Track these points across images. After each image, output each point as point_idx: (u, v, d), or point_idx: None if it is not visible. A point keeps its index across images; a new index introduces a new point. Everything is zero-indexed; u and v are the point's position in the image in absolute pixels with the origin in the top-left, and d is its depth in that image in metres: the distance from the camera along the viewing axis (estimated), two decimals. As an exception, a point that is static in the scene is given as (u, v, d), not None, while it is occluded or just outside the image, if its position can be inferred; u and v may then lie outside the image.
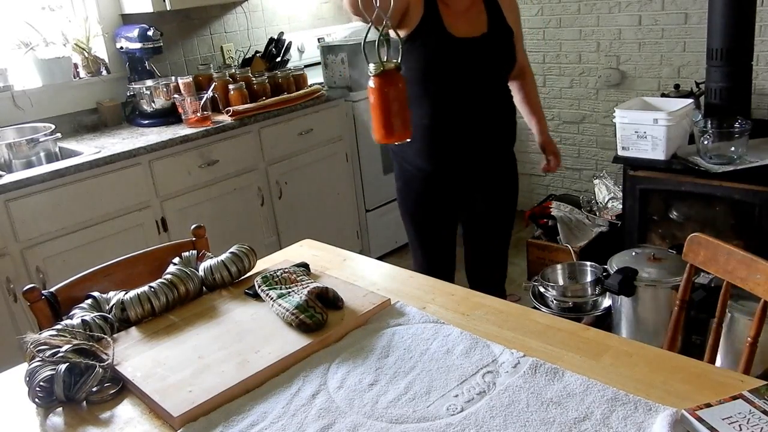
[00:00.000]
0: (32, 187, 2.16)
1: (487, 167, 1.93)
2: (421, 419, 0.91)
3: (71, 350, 1.06)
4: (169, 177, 2.52)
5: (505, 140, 1.95)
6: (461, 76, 1.79)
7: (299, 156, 2.97)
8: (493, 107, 1.86)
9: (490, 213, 2.01)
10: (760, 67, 2.78)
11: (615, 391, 0.92)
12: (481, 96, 1.83)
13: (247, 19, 3.38)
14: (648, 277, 2.16)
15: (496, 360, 1.03)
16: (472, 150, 1.87)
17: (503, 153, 1.97)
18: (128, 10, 2.89)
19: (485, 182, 1.96)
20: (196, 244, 1.51)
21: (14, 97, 2.64)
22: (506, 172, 2.01)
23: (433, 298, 1.26)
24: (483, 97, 1.83)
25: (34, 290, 1.26)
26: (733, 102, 2.45)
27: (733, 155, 2.36)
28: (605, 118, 3.33)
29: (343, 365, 1.06)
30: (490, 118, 1.85)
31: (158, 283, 1.27)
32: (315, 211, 3.09)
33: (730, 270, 1.33)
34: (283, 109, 2.84)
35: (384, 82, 1.22)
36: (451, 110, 1.82)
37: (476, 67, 1.79)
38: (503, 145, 1.95)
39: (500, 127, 1.90)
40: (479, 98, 1.82)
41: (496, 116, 1.87)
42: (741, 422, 0.81)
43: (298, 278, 1.29)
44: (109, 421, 1.00)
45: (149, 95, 2.74)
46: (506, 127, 1.93)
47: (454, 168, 1.89)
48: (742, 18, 2.36)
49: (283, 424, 0.93)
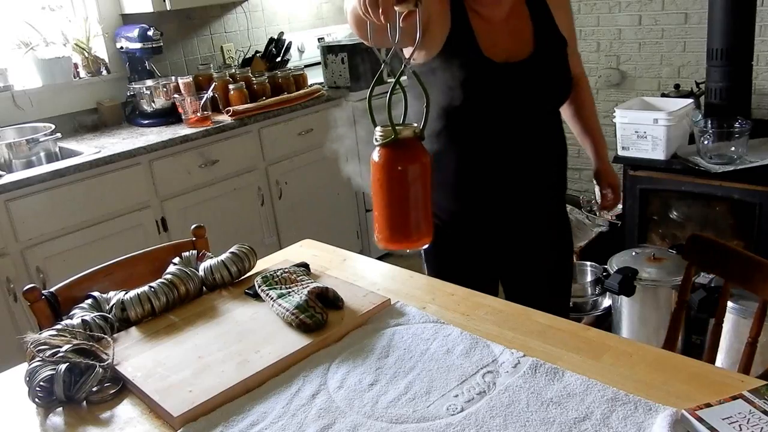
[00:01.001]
0: (32, 187, 2.16)
1: (530, 222, 1.50)
2: (421, 419, 0.91)
3: (71, 350, 1.06)
4: (169, 177, 2.52)
5: (553, 187, 1.52)
6: (500, 112, 1.35)
7: (299, 156, 2.97)
8: (539, 148, 1.43)
9: (538, 275, 1.56)
10: (760, 67, 2.78)
11: (615, 391, 0.92)
12: (525, 135, 1.39)
13: (247, 19, 3.38)
14: (648, 277, 2.17)
15: (496, 360, 1.03)
16: (509, 204, 1.45)
17: (551, 202, 1.54)
18: (128, 10, 2.89)
19: (528, 240, 1.52)
20: (196, 244, 1.51)
21: (14, 97, 2.64)
22: (555, 225, 1.57)
23: (433, 298, 1.26)
24: (527, 137, 1.39)
25: (34, 290, 1.26)
26: (733, 102, 2.45)
27: (733, 155, 2.36)
28: (605, 118, 3.33)
29: (343, 365, 1.06)
30: (535, 162, 1.43)
31: (158, 283, 1.27)
32: (315, 211, 3.09)
33: (730, 270, 1.33)
34: (283, 109, 2.84)
35: (396, 159, 0.83)
36: (485, 154, 1.39)
37: (521, 99, 1.35)
38: (551, 193, 1.52)
39: (548, 172, 1.47)
40: (522, 139, 1.39)
41: (543, 159, 1.44)
42: (741, 422, 0.81)
43: (298, 278, 1.29)
44: (109, 421, 1.00)
45: (149, 95, 2.74)
46: (556, 171, 1.50)
47: (487, 223, 1.47)
48: (742, 18, 2.36)
49: (283, 424, 0.93)
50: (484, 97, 1.33)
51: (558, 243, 1.58)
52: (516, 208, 1.46)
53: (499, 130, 1.36)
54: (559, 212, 1.58)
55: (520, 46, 1.34)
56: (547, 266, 1.57)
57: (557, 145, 1.48)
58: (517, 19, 1.35)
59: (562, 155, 1.51)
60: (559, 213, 1.58)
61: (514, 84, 1.33)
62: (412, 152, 0.85)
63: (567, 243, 1.62)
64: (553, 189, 1.52)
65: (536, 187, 1.45)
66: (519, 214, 1.47)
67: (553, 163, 1.48)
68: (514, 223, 1.48)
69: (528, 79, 1.34)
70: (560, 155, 1.50)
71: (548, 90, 1.39)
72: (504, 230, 1.49)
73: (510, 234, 1.50)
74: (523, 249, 1.53)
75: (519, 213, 1.47)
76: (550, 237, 1.55)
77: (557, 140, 1.47)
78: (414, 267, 1.39)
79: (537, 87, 1.36)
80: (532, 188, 1.45)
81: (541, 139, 1.42)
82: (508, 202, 1.44)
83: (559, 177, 1.52)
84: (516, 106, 1.35)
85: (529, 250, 1.53)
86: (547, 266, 1.57)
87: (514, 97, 1.34)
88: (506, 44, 1.33)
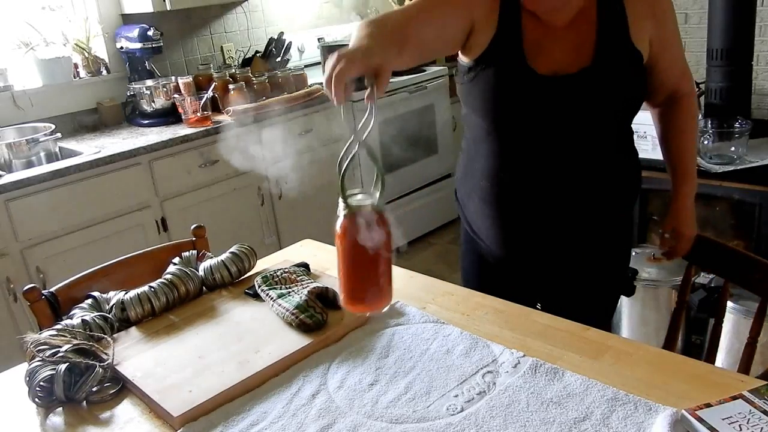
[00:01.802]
0: (32, 187, 2.16)
1: (580, 261, 1.34)
2: (421, 419, 0.91)
3: (71, 350, 1.06)
4: (169, 177, 2.52)
5: (612, 224, 1.34)
6: (543, 131, 1.21)
7: (299, 156, 2.97)
8: (594, 179, 1.26)
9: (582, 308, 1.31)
10: (760, 67, 2.78)
11: (615, 391, 0.92)
12: (576, 156, 1.23)
13: (247, 19, 3.38)
14: (648, 277, 2.17)
15: (496, 360, 1.03)
16: (559, 245, 1.31)
17: (609, 240, 1.36)
18: (128, 10, 2.89)
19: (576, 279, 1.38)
20: (196, 244, 1.51)
21: (14, 97, 2.64)
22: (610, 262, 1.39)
23: (433, 298, 1.26)
24: (578, 158, 1.23)
25: (34, 290, 1.26)
26: (733, 102, 2.45)
27: (733, 155, 2.36)
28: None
29: (343, 365, 1.06)
30: (588, 195, 1.26)
31: (158, 283, 1.27)
32: (315, 211, 3.09)
33: (730, 270, 1.33)
34: (283, 109, 2.84)
35: (350, 230, 0.88)
36: (530, 185, 1.25)
37: (570, 117, 1.20)
38: (609, 230, 1.34)
39: (604, 206, 1.30)
40: (571, 159, 1.23)
41: (598, 192, 1.27)
42: (741, 422, 0.81)
43: (298, 278, 1.29)
44: (109, 421, 1.00)
45: (149, 95, 2.74)
46: (616, 206, 1.32)
47: (527, 250, 1.34)
48: (742, 18, 2.36)
49: (283, 424, 0.93)
50: (522, 110, 1.20)
51: (608, 279, 1.42)
52: (566, 248, 1.32)
53: (543, 155, 1.22)
54: (618, 248, 1.40)
55: (576, 57, 1.18)
56: (593, 302, 1.41)
57: (621, 176, 1.30)
58: (581, 28, 1.19)
59: (628, 189, 1.32)
60: (617, 249, 1.40)
61: (556, 100, 1.18)
62: (368, 224, 0.88)
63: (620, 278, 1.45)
64: (612, 226, 1.33)
65: (589, 224, 1.29)
66: (569, 254, 1.33)
67: (612, 197, 1.29)
68: (563, 263, 1.34)
69: (573, 96, 1.18)
70: (624, 189, 1.31)
71: (599, 110, 1.21)
72: (551, 269, 1.36)
73: (557, 273, 1.36)
74: (569, 289, 1.37)
75: (569, 253, 1.32)
76: (602, 275, 1.39)
77: (620, 170, 1.29)
78: (414, 267, 1.39)
79: (584, 105, 1.19)
80: (584, 227, 1.29)
81: (596, 167, 1.25)
82: (557, 243, 1.30)
83: (620, 211, 1.34)
84: (561, 126, 1.20)
85: (576, 288, 1.38)
86: (593, 302, 1.41)
87: (558, 115, 1.19)
88: (560, 54, 1.18)
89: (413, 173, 3.49)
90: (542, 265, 1.35)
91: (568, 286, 1.38)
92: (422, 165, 3.53)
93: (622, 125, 1.29)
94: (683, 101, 1.33)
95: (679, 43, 1.29)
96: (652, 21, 1.21)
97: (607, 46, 1.18)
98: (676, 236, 1.37)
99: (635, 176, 1.35)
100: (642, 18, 1.20)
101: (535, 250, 1.33)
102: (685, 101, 1.33)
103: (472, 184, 1.36)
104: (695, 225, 1.38)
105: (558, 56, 1.19)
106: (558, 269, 1.36)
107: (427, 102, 3.43)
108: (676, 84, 1.32)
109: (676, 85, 1.32)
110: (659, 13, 1.22)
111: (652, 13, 1.21)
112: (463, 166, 1.40)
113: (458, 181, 1.44)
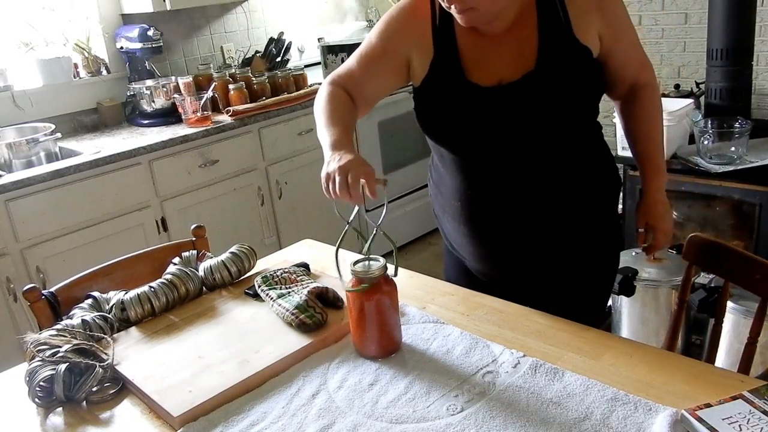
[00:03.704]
0: (32, 187, 2.16)
1: (563, 258, 1.29)
2: (421, 419, 0.91)
3: (71, 350, 1.07)
4: (169, 177, 2.52)
5: (589, 218, 1.28)
6: (500, 140, 1.19)
7: (299, 156, 2.97)
8: (563, 174, 1.22)
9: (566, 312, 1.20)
10: (760, 67, 2.78)
11: (615, 391, 0.92)
12: (540, 162, 1.20)
13: (247, 19, 3.38)
14: (648, 277, 2.16)
15: (496, 360, 1.03)
16: (529, 242, 1.27)
17: (588, 245, 1.30)
18: (128, 10, 2.89)
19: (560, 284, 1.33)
20: (196, 244, 1.51)
21: (14, 97, 2.64)
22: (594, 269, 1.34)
23: (433, 298, 1.26)
24: (543, 164, 1.21)
25: (34, 290, 1.26)
26: (733, 102, 2.45)
27: (733, 155, 2.36)
28: (605, 118, 3.32)
29: (343, 365, 1.06)
30: (559, 191, 1.23)
31: (158, 283, 1.27)
32: (315, 211, 3.09)
33: (730, 270, 1.33)
34: (283, 109, 2.84)
35: (358, 295, 1.03)
36: (492, 189, 1.24)
37: (522, 124, 1.17)
38: (585, 225, 1.28)
39: (578, 213, 1.26)
40: (536, 166, 1.21)
41: (569, 187, 1.23)
42: (741, 422, 0.81)
43: (298, 278, 1.29)
44: (109, 421, 1.00)
45: (149, 95, 2.74)
46: (592, 210, 1.28)
47: (508, 264, 1.31)
48: (742, 18, 2.36)
49: (283, 424, 0.93)
50: (474, 128, 1.19)
51: (596, 280, 1.36)
52: (547, 256, 1.28)
53: (505, 167, 1.20)
54: (603, 246, 1.34)
55: (520, 63, 1.16)
56: (583, 306, 1.34)
57: (592, 175, 1.26)
58: (522, 33, 1.17)
59: (603, 187, 1.29)
60: (602, 247, 1.34)
61: (503, 109, 1.16)
62: (372, 290, 1.02)
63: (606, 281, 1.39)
64: (593, 226, 1.29)
65: (567, 229, 1.25)
66: (551, 261, 1.29)
67: (586, 197, 1.26)
68: (546, 272, 1.30)
69: (520, 103, 1.16)
70: (598, 187, 1.28)
71: (550, 112, 1.17)
72: (536, 280, 1.32)
73: (542, 282, 1.32)
74: (557, 294, 1.30)
75: (551, 261, 1.28)
76: (589, 277, 1.34)
77: (590, 169, 1.26)
78: (414, 267, 1.39)
79: (533, 110, 1.16)
80: (562, 232, 1.25)
81: (563, 170, 1.22)
82: (537, 253, 1.27)
83: (599, 210, 1.29)
84: (516, 134, 1.17)
85: (564, 293, 1.31)
86: (583, 306, 1.34)
87: (509, 124, 1.17)
88: (502, 63, 1.17)
89: (413, 173, 3.49)
90: (526, 276, 1.32)
91: (555, 293, 1.31)
92: (422, 165, 3.53)
93: (582, 123, 1.25)
94: (644, 92, 1.30)
95: (632, 34, 1.25)
96: (597, 13, 1.17)
97: (549, 47, 1.16)
98: (652, 231, 1.35)
99: (608, 173, 1.31)
100: (585, 12, 1.16)
101: (517, 263, 1.30)
102: (647, 92, 1.30)
103: (443, 203, 1.36)
104: (670, 218, 1.36)
105: (500, 65, 1.18)
106: (542, 278, 1.32)
107: (427, 102, 3.43)
108: (635, 76, 1.29)
109: (635, 77, 1.29)
110: (608, 6, 1.18)
111: (597, 6, 1.17)
112: (434, 185, 1.39)
113: (432, 198, 1.43)
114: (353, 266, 1.03)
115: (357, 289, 1.02)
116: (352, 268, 1.03)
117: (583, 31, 1.16)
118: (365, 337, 1.06)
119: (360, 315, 1.04)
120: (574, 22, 1.16)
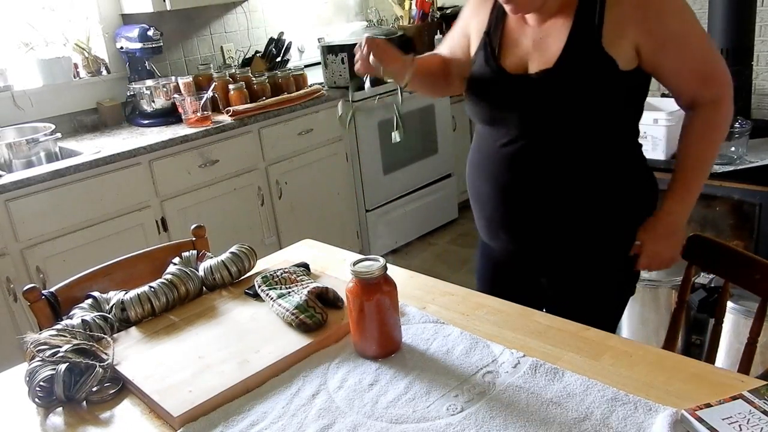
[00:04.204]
0: (32, 187, 2.16)
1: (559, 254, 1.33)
2: (421, 419, 0.91)
3: (71, 350, 1.06)
4: (169, 177, 2.52)
5: (583, 223, 1.28)
6: (520, 126, 1.24)
7: (299, 156, 2.97)
8: (578, 177, 1.24)
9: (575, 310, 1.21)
10: (760, 67, 2.78)
11: (615, 391, 0.92)
12: (554, 159, 1.23)
13: (247, 19, 3.38)
14: (648, 277, 2.16)
15: (496, 360, 1.03)
16: (522, 228, 1.32)
17: (585, 235, 1.30)
18: (128, 10, 2.89)
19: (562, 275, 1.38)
20: (196, 244, 1.51)
21: (14, 97, 2.64)
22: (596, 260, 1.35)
23: (433, 298, 1.26)
24: (557, 161, 1.23)
25: (34, 290, 1.26)
26: (734, 102, 2.45)
27: (733, 155, 2.36)
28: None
29: (343, 365, 1.06)
30: (555, 189, 1.25)
31: (158, 283, 1.27)
32: (315, 211, 3.09)
33: (730, 270, 1.33)
34: (283, 109, 2.84)
35: (359, 294, 1.03)
36: (510, 183, 1.29)
37: (536, 117, 1.22)
38: (579, 229, 1.29)
39: (572, 202, 1.27)
40: (550, 161, 1.24)
41: (566, 188, 1.25)
42: (741, 422, 0.81)
43: (298, 278, 1.29)
44: (109, 421, 1.00)
45: (149, 95, 2.74)
46: (585, 204, 1.27)
47: (505, 243, 1.36)
48: (742, 18, 2.36)
49: (283, 424, 0.93)
50: (490, 107, 1.27)
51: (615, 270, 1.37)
52: (565, 246, 1.31)
53: (524, 153, 1.24)
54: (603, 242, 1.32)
55: (544, 58, 1.20)
56: (603, 295, 1.38)
57: (613, 182, 1.26)
58: (555, 29, 1.20)
59: (625, 195, 1.28)
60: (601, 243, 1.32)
61: (519, 98, 1.22)
62: (374, 287, 1.03)
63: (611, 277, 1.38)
64: (583, 223, 1.28)
65: (560, 215, 1.27)
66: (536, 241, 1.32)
67: (583, 192, 1.25)
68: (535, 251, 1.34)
69: (533, 96, 1.20)
70: (619, 195, 1.27)
71: (562, 111, 1.19)
72: (547, 267, 1.37)
73: (554, 271, 1.36)
74: (566, 290, 1.36)
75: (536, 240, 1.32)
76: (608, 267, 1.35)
77: (611, 176, 1.25)
78: (414, 267, 1.39)
79: (544, 106, 1.20)
80: (574, 227, 1.27)
81: (578, 172, 1.23)
82: (557, 240, 1.30)
83: (621, 221, 1.29)
84: (534, 125, 1.22)
85: (574, 293, 1.35)
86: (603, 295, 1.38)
87: (525, 115, 1.22)
88: (528, 54, 1.22)
89: (413, 173, 3.49)
90: (548, 256, 1.35)
91: (574, 285, 1.36)
92: (422, 165, 3.53)
93: (603, 132, 1.23)
94: (702, 110, 1.23)
95: (690, 47, 1.17)
96: (636, 26, 1.14)
97: (573, 49, 1.17)
98: (646, 255, 1.31)
99: (636, 183, 1.30)
100: (622, 24, 1.15)
101: (542, 240, 1.32)
102: (704, 111, 1.23)
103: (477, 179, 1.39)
104: (667, 245, 1.30)
105: (526, 56, 1.24)
106: (564, 268, 1.36)
107: (428, 102, 3.43)
108: (693, 89, 1.22)
109: (693, 91, 1.22)
110: (652, 17, 1.14)
111: (641, 17, 1.14)
112: (472, 165, 1.41)
113: (467, 178, 1.44)
114: (353, 266, 1.04)
115: (353, 277, 1.04)
116: (352, 268, 1.04)
117: (613, 42, 1.15)
118: (365, 337, 1.06)
119: (360, 315, 1.04)
120: (607, 29, 1.15)
